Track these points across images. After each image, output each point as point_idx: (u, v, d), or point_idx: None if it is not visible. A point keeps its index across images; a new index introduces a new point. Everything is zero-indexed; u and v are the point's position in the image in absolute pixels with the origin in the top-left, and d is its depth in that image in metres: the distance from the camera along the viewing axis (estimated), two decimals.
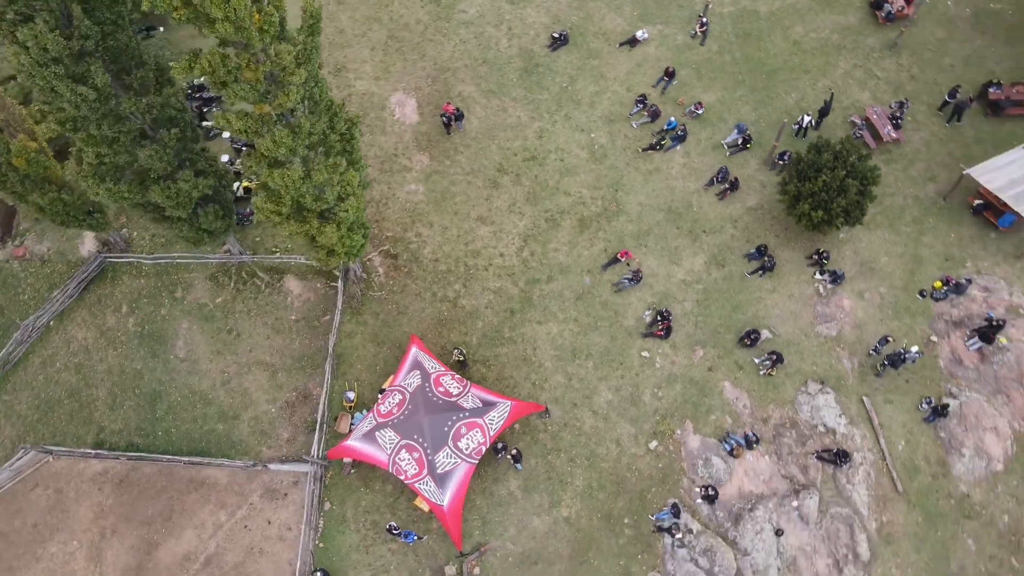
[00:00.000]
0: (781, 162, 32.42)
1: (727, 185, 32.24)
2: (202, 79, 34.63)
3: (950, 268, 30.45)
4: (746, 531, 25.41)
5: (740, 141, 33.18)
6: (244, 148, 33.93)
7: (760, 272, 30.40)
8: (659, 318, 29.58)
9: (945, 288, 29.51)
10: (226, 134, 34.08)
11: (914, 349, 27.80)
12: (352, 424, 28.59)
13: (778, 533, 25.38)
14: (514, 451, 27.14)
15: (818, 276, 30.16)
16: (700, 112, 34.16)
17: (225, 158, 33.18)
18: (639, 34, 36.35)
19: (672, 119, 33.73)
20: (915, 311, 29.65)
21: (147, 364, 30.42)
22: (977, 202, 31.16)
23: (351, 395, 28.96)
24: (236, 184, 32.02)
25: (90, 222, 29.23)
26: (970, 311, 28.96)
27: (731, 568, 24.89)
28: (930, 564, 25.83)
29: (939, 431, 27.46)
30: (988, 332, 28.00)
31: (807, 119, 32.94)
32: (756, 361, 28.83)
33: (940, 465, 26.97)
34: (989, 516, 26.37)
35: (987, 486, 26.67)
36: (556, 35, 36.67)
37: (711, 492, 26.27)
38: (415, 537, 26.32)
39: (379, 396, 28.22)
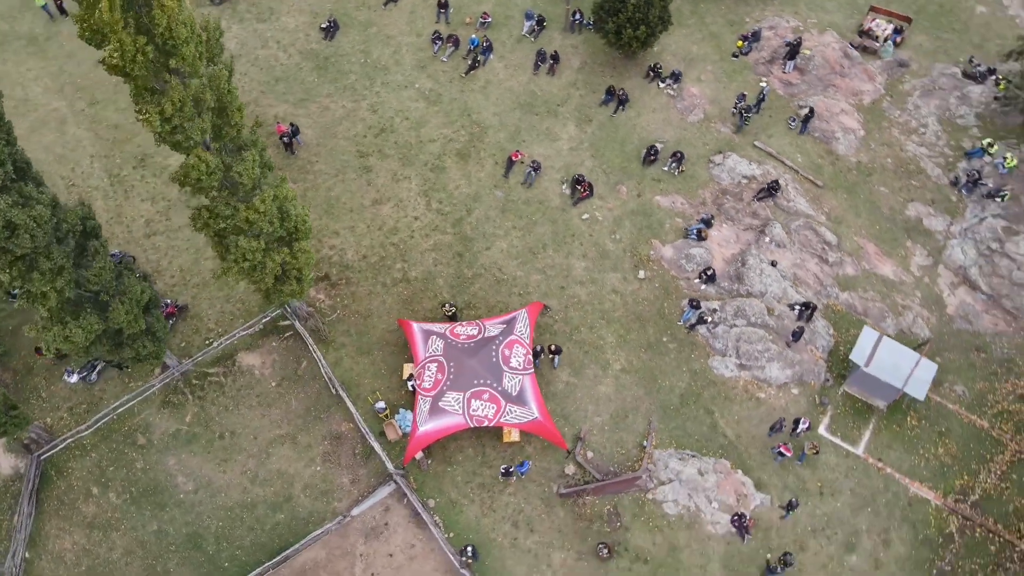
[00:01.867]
0: (576, 20, 36.62)
1: (551, 62, 35.79)
2: None
3: (738, 29, 37.04)
4: (752, 279, 29.67)
5: (536, 25, 36.80)
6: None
7: (620, 107, 34.49)
8: (576, 184, 32.57)
9: (746, 42, 35.89)
10: None
11: (763, 85, 33.81)
12: (400, 428, 28.34)
13: (773, 264, 29.98)
14: (552, 346, 28.82)
15: (661, 84, 34.97)
16: (489, 20, 37.19)
17: None
18: None
19: (472, 37, 36.40)
20: (739, 69, 35.75)
21: (162, 519, 27.40)
22: None
23: (381, 405, 28.57)
24: None
25: (13, 421, 25.41)
26: (772, 47, 35.68)
27: (762, 309, 29.04)
28: (871, 217, 32.22)
29: (813, 134, 33.84)
30: (793, 51, 34.80)
31: None
32: (665, 169, 33.02)
33: (830, 154, 33.40)
34: (879, 165, 33.35)
35: (864, 149, 33.61)
36: (325, 25, 37.37)
37: (708, 273, 30.13)
38: (528, 464, 27.19)
39: (411, 384, 28.25)
